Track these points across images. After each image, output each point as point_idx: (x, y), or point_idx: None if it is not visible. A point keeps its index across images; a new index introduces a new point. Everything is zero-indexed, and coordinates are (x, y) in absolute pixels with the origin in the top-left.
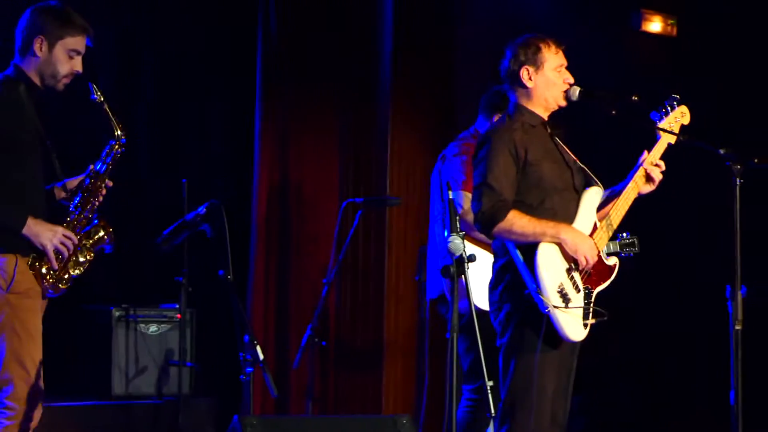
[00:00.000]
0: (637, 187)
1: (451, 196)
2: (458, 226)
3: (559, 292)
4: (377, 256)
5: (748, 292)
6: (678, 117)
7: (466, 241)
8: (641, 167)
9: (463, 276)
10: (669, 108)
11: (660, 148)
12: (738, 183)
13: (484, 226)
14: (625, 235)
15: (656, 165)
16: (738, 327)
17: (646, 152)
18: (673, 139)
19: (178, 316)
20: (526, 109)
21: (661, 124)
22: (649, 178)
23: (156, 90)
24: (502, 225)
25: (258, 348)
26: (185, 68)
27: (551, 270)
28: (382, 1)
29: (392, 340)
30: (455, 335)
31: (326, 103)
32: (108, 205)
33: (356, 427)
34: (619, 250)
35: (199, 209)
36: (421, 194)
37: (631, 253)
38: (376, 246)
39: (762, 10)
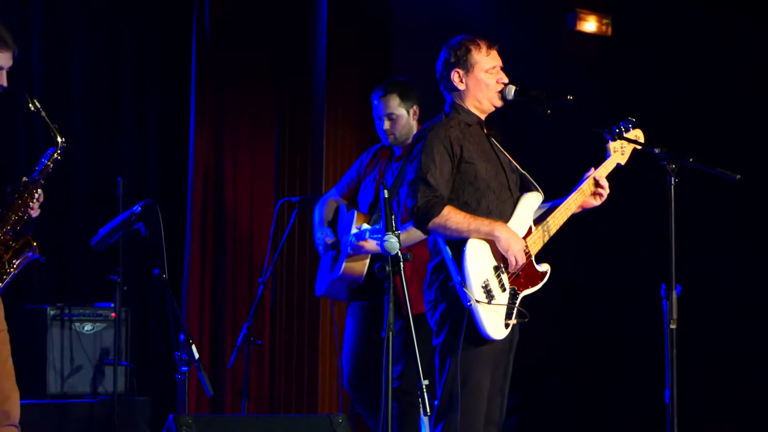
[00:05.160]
0: (580, 198)
1: (386, 195)
2: (394, 225)
3: (483, 287)
4: (312, 255)
5: (683, 291)
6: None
7: None
8: (586, 181)
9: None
10: (623, 129)
11: (608, 166)
12: (673, 182)
13: (419, 222)
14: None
15: (601, 185)
16: (673, 326)
17: (593, 168)
18: (623, 160)
19: (113, 315)
20: (462, 107)
21: (613, 144)
22: (595, 194)
23: (89, 89)
24: (437, 220)
25: (193, 347)
26: (119, 67)
27: (478, 265)
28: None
29: (328, 339)
30: (391, 335)
31: (262, 102)
32: (43, 205)
33: (292, 426)
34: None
35: (134, 208)
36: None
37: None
38: (311, 245)
39: (696, 9)
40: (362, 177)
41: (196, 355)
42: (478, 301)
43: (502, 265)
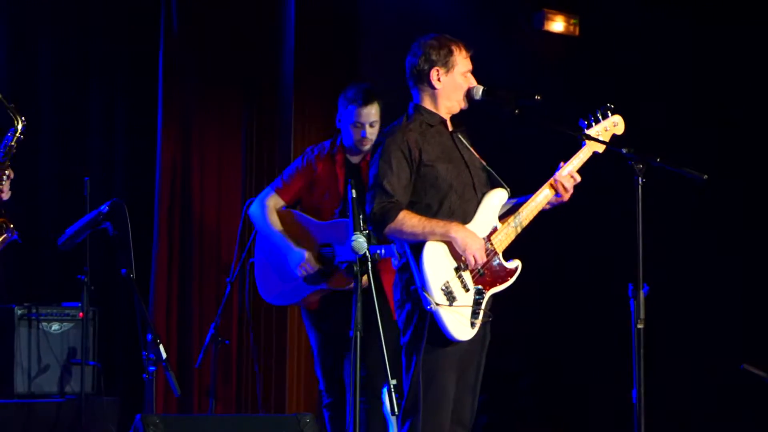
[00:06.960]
0: (550, 193)
1: (354, 195)
2: (362, 224)
3: (443, 290)
4: None
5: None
6: (609, 126)
7: None
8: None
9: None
10: (600, 116)
11: (582, 155)
12: (640, 182)
13: (376, 227)
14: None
15: (572, 176)
16: (640, 326)
17: (563, 163)
18: (600, 148)
19: (81, 314)
20: (425, 109)
21: (589, 131)
22: (564, 188)
23: (57, 87)
24: (393, 225)
25: (161, 347)
26: (87, 67)
27: (436, 268)
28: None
29: (296, 338)
30: (358, 334)
31: (229, 101)
32: (10, 202)
33: (260, 426)
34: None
35: (102, 207)
36: None
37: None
38: None
39: (664, 9)
40: (314, 181)
41: (164, 355)
42: (438, 304)
43: (462, 264)
